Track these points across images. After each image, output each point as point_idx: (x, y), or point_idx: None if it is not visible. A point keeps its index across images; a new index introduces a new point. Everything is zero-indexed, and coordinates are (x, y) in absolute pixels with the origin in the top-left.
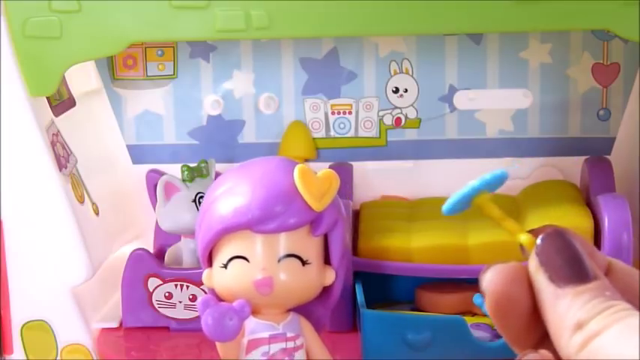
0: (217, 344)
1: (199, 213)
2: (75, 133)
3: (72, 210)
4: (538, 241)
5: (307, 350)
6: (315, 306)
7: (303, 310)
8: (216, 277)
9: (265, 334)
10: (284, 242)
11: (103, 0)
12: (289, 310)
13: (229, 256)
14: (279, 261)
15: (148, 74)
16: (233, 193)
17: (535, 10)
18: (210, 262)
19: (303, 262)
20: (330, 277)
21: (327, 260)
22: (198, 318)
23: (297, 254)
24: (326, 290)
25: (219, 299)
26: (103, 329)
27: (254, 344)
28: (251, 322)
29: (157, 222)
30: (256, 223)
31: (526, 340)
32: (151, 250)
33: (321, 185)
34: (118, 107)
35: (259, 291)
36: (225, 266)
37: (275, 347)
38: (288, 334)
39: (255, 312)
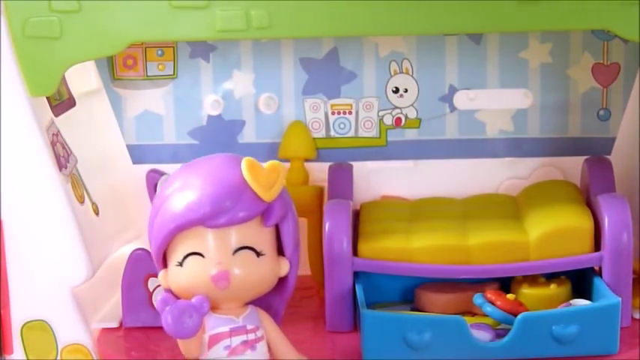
0: (179, 341)
1: (151, 214)
2: (75, 133)
3: (72, 210)
4: None
5: (268, 341)
6: (271, 298)
7: (261, 302)
8: (173, 276)
9: (226, 328)
10: (237, 235)
11: (103, 0)
12: (247, 304)
13: (184, 254)
14: (233, 254)
15: (148, 74)
16: (183, 191)
17: (535, 10)
18: (164, 263)
19: (258, 254)
20: (284, 267)
21: (280, 252)
22: None
23: (251, 246)
24: (281, 281)
25: (178, 298)
26: (103, 329)
27: (215, 339)
28: (211, 318)
29: None
30: (208, 218)
31: None
32: None
33: (269, 176)
34: (117, 107)
35: (217, 285)
36: (181, 264)
37: (236, 340)
38: (248, 327)
39: (214, 308)
